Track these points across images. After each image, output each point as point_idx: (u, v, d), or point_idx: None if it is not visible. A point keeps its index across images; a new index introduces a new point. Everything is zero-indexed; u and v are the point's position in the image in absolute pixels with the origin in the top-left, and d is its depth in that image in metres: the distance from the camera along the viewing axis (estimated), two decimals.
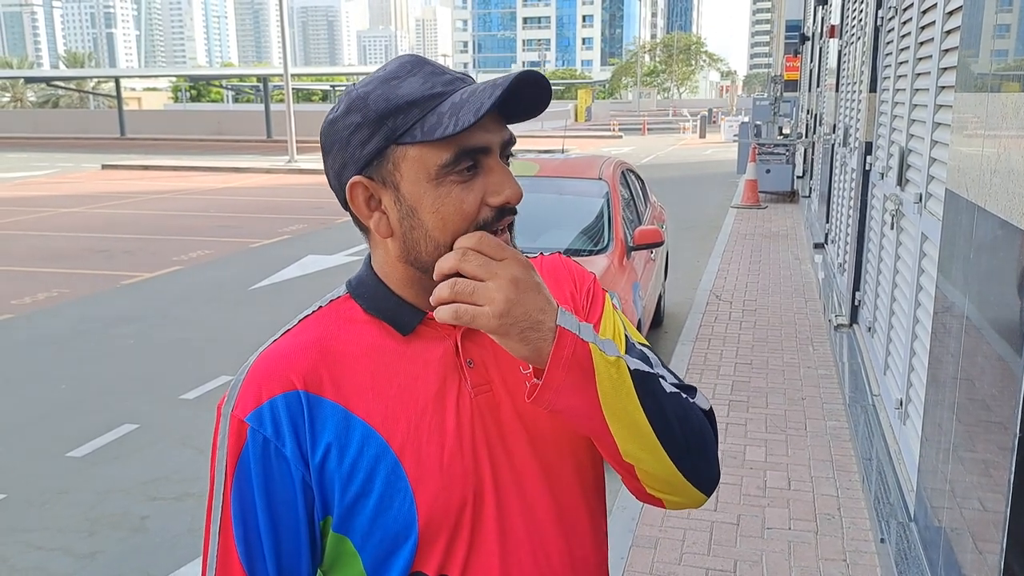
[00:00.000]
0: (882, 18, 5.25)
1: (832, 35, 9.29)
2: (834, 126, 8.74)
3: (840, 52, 8.61)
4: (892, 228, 4.17)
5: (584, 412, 0.92)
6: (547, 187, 5.67)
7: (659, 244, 5.34)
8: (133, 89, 77.67)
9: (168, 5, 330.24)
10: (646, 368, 0.97)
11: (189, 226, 12.74)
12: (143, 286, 8.74)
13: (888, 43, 4.97)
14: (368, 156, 0.94)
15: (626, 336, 1.07)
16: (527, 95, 0.93)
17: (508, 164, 0.98)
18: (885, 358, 4.27)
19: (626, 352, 1.01)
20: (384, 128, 0.92)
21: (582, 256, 5.05)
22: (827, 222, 8.95)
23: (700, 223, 12.10)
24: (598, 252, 5.07)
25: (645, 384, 0.95)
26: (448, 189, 0.92)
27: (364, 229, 1.00)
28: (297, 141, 24.58)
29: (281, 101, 30.71)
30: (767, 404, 4.85)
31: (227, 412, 0.97)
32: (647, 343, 1.11)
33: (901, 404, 3.63)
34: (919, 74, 3.84)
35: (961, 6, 2.93)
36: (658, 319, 6.78)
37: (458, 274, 0.89)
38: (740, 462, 4.05)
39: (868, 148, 5.53)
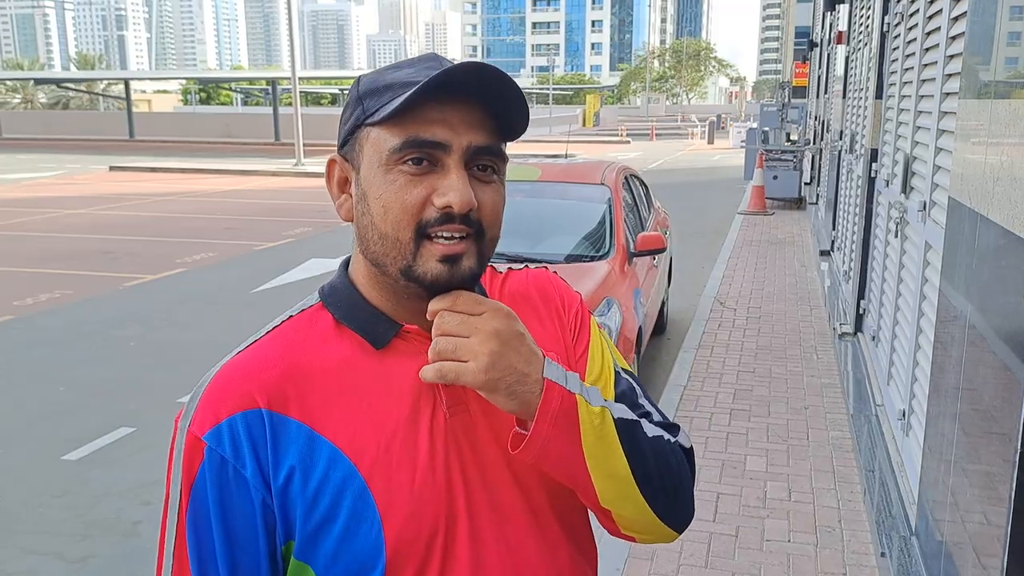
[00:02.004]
0: (888, 24, 5.20)
1: (840, 41, 9.24)
2: (841, 132, 8.69)
3: (847, 58, 8.56)
4: (896, 236, 4.12)
5: (567, 462, 0.90)
6: (549, 192, 5.63)
7: (661, 250, 5.29)
8: (143, 92, 78.08)
9: (179, 8, 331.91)
10: (630, 416, 0.95)
11: (194, 228, 12.74)
12: (146, 288, 8.73)
13: (894, 49, 4.92)
14: (345, 134, 0.93)
15: (614, 366, 1.05)
16: (492, 90, 0.87)
17: (494, 173, 0.92)
18: (888, 368, 4.21)
19: (614, 383, 1.01)
20: (360, 107, 0.91)
21: (583, 262, 5.01)
22: (833, 229, 8.89)
23: (706, 229, 12.04)
24: (599, 258, 5.03)
25: (628, 432, 0.93)
26: (395, 177, 0.88)
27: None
28: (305, 144, 24.61)
29: (290, 104, 30.82)
30: (769, 413, 4.79)
31: (183, 427, 0.91)
32: (630, 368, 1.08)
33: (904, 415, 3.57)
34: (924, 80, 3.79)
35: (965, 12, 2.89)
36: (661, 326, 6.73)
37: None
38: (740, 472, 4.00)
39: (874, 155, 5.48)
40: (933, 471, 2.70)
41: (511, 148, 0.97)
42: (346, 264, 1.00)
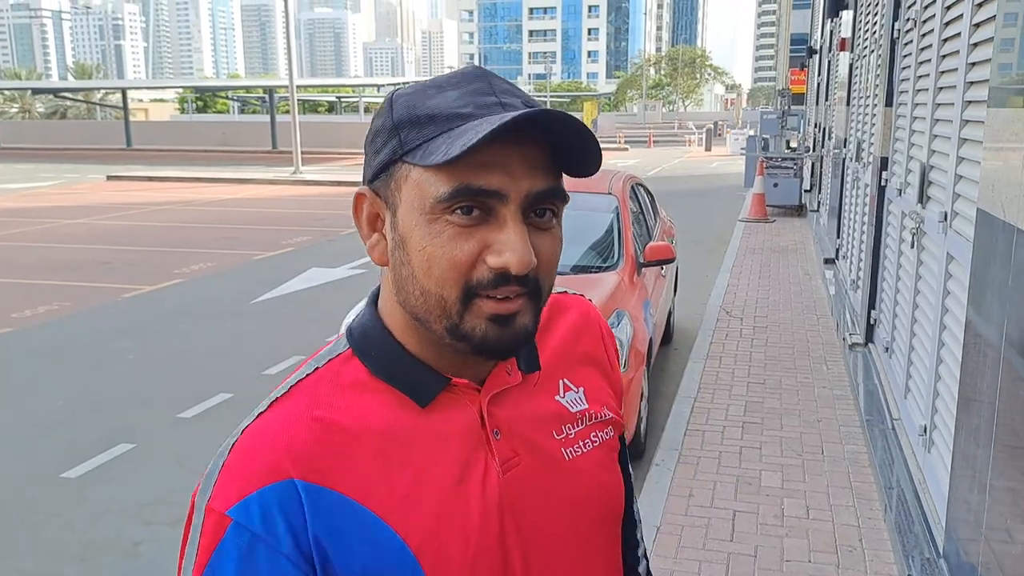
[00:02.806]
0: (899, 31, 5.14)
1: (843, 48, 9.18)
2: (845, 140, 8.62)
3: (851, 65, 8.50)
4: (912, 247, 4.04)
5: None
6: None
7: (670, 261, 5.21)
8: (140, 100, 77.97)
9: (176, 17, 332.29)
10: None
11: (192, 238, 12.65)
12: (144, 299, 8.63)
13: (906, 56, 4.85)
14: (378, 166, 0.79)
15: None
16: (565, 137, 0.77)
17: (553, 217, 0.81)
18: (906, 381, 4.13)
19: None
20: (396, 138, 0.77)
21: (591, 273, 4.92)
22: (838, 237, 8.82)
23: (708, 237, 11.97)
24: (608, 269, 4.95)
25: None
26: (441, 228, 0.75)
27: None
28: (303, 152, 24.54)
29: (287, 112, 30.68)
30: (782, 426, 4.70)
31: (201, 505, 0.78)
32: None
33: (925, 431, 3.49)
34: (941, 88, 3.72)
35: (990, 18, 2.81)
36: (668, 336, 6.65)
37: None
38: (756, 488, 3.91)
39: (884, 163, 5.41)
40: (962, 492, 2.61)
41: None
42: (375, 301, 0.86)
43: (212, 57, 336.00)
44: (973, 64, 3.10)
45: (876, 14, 6.47)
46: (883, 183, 5.38)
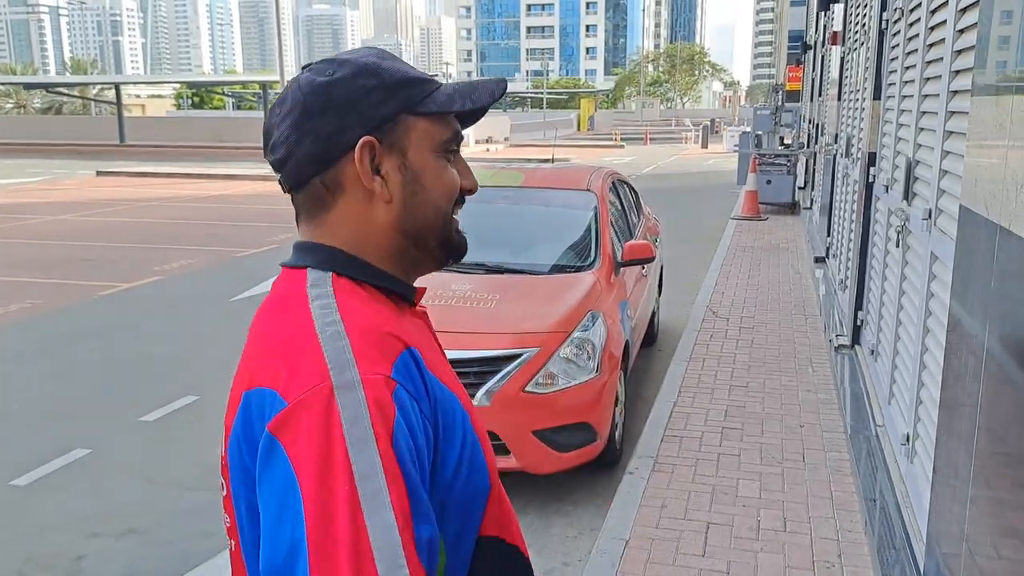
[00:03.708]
0: (887, 21, 4.95)
1: (835, 42, 9.00)
2: (836, 136, 8.44)
3: (843, 59, 8.31)
4: (898, 245, 3.86)
5: None
6: (532, 198, 5.37)
7: (649, 260, 5.02)
8: (138, 96, 77.64)
9: (174, 13, 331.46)
10: None
11: (175, 234, 12.44)
12: (119, 297, 8.44)
13: (894, 47, 4.67)
14: (382, 118, 0.95)
15: None
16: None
17: None
18: (890, 386, 3.95)
19: None
20: (399, 96, 0.96)
21: (567, 272, 4.74)
22: (828, 235, 8.64)
23: (699, 235, 11.79)
24: (584, 268, 4.76)
25: None
26: (443, 163, 1.00)
27: (328, 199, 0.97)
28: None
29: None
30: (763, 432, 4.52)
31: (353, 378, 0.82)
32: None
33: (908, 439, 3.31)
34: (928, 79, 3.54)
35: (975, 2, 2.63)
36: (652, 336, 6.47)
37: None
38: (732, 499, 3.73)
39: (872, 159, 5.22)
40: (944, 504, 2.44)
41: (499, 154, 0.98)
42: (321, 243, 0.98)
43: (210, 53, 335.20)
44: (959, 52, 2.91)
45: (866, 5, 6.29)
46: (871, 179, 5.19)
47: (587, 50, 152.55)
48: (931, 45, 3.53)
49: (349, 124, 0.94)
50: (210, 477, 4.26)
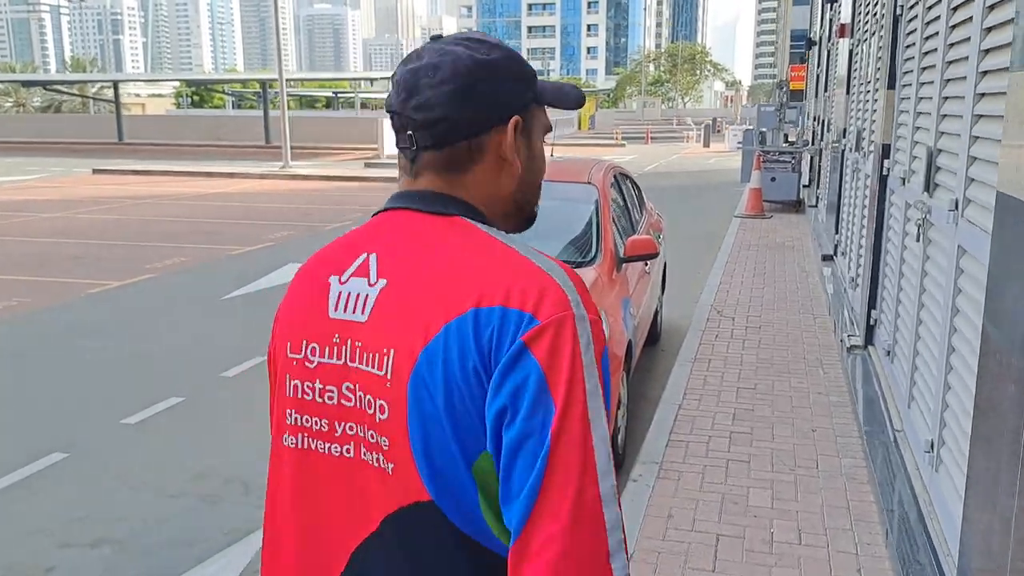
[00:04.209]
0: (902, 7, 4.73)
1: (843, 35, 8.78)
2: (844, 130, 8.23)
3: (851, 51, 8.10)
4: (918, 240, 3.64)
5: None
6: None
7: (653, 256, 4.81)
8: (137, 95, 77.40)
9: (175, 12, 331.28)
10: None
11: (170, 232, 12.23)
12: (110, 295, 8.23)
13: (910, 33, 4.45)
14: (525, 102, 1.10)
15: None
16: None
17: None
18: (910, 388, 3.73)
19: None
20: (533, 86, 1.12)
21: None
22: (836, 233, 8.42)
23: (702, 233, 11.57)
24: (585, 264, 4.55)
25: None
26: (543, 147, 1.17)
27: (467, 161, 1.08)
28: (296, 147, 24.13)
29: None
30: (773, 437, 4.31)
31: (584, 313, 0.97)
32: None
33: (932, 446, 3.09)
34: (951, 62, 3.32)
35: None
36: (654, 336, 6.25)
37: None
38: (743, 508, 3.52)
39: (886, 151, 5.01)
40: (979, 520, 2.23)
41: None
42: (469, 208, 1.08)
43: (211, 52, 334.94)
44: (989, 29, 2.70)
45: None
46: (885, 172, 4.98)
47: (588, 50, 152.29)
48: (954, 27, 3.31)
49: (504, 102, 1.08)
50: (194, 482, 4.06)
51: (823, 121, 12.80)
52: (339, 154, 29.90)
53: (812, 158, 13.92)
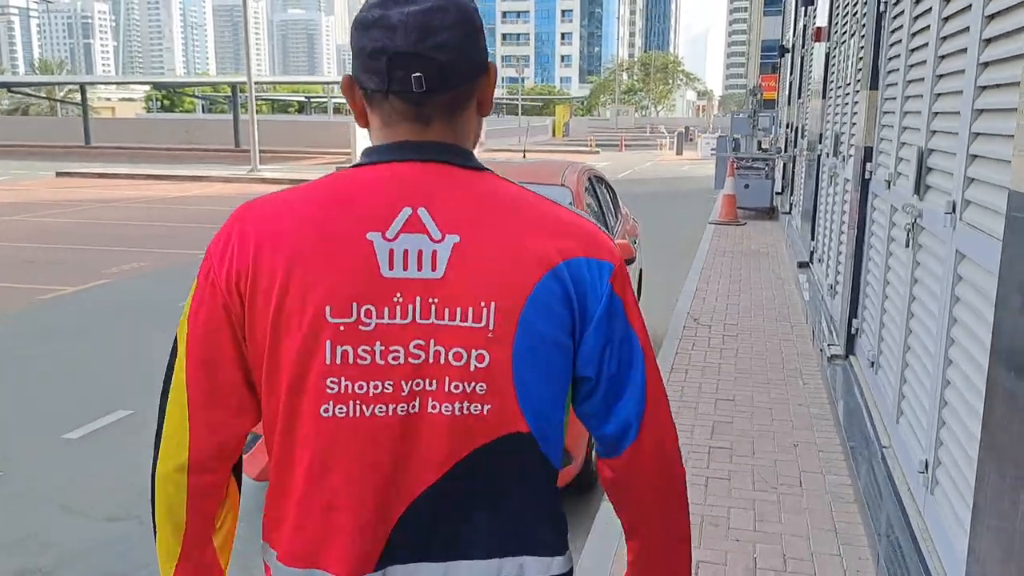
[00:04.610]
0: (886, 3, 4.56)
1: (818, 38, 8.65)
2: (820, 136, 8.08)
3: (828, 55, 7.97)
4: (907, 245, 3.45)
5: None
6: None
7: (630, 261, 4.59)
8: (108, 99, 76.23)
9: (147, 15, 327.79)
10: None
11: (130, 236, 11.83)
12: (63, 301, 7.87)
13: (895, 30, 4.28)
14: (483, 63, 1.13)
15: None
16: None
17: None
18: (898, 402, 3.54)
19: None
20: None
21: None
22: (812, 239, 8.28)
23: (676, 240, 11.40)
24: None
25: None
26: None
27: (462, 104, 1.11)
28: (265, 150, 23.73)
29: (256, 111, 29.58)
30: (754, 452, 4.09)
31: (619, 254, 1.18)
32: None
33: (926, 467, 2.89)
34: (944, 56, 3.14)
35: None
36: None
37: None
38: (724, 531, 3.29)
39: (868, 154, 4.83)
40: (989, 554, 2.01)
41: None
42: (475, 159, 1.13)
43: (183, 57, 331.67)
44: (991, 17, 2.51)
45: None
46: (867, 176, 4.80)
47: (562, 58, 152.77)
48: (947, 18, 3.13)
49: (485, 48, 1.11)
50: (135, 504, 3.76)
51: (797, 128, 12.71)
52: (310, 158, 29.51)
53: (785, 165, 13.84)
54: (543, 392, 1.09)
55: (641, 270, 6.59)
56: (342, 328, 1.03)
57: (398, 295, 1.03)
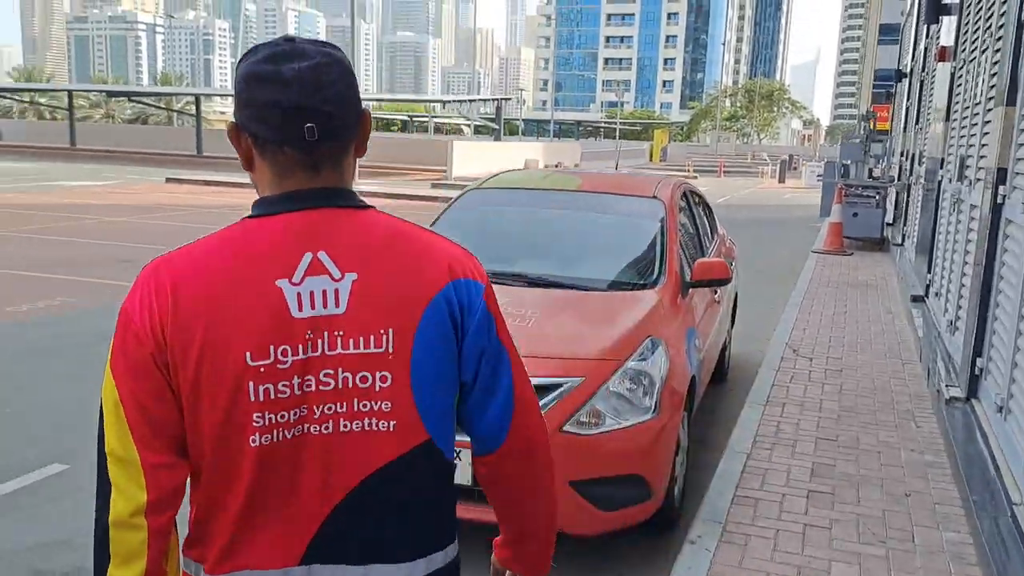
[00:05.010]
0: None
1: (942, 58, 8.07)
2: (942, 160, 7.50)
3: (953, 75, 7.39)
4: None
5: None
6: (588, 204, 4.63)
7: (725, 281, 4.23)
8: (223, 112, 79.63)
9: (264, 34, 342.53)
10: None
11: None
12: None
13: None
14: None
15: None
16: None
17: None
18: None
19: None
20: None
21: (624, 290, 3.98)
22: (928, 271, 7.66)
23: (776, 267, 10.85)
24: (646, 286, 3.99)
25: None
26: None
27: (347, 150, 1.25)
28: (365, 166, 24.09)
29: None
30: (859, 500, 3.66)
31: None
32: None
33: None
34: None
35: None
36: (721, 374, 5.64)
37: None
38: None
39: (1001, 176, 4.34)
40: None
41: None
42: (359, 198, 1.26)
43: None
44: None
45: (991, 6, 5.42)
46: (999, 200, 4.31)
47: (664, 83, 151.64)
48: None
49: (359, 97, 1.25)
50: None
51: (913, 155, 11.98)
52: (409, 174, 29.87)
53: (898, 194, 13.08)
54: (438, 402, 1.23)
55: (736, 294, 6.18)
56: (262, 370, 1.14)
57: (309, 332, 1.15)
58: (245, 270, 1.15)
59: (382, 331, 1.17)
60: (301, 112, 1.14)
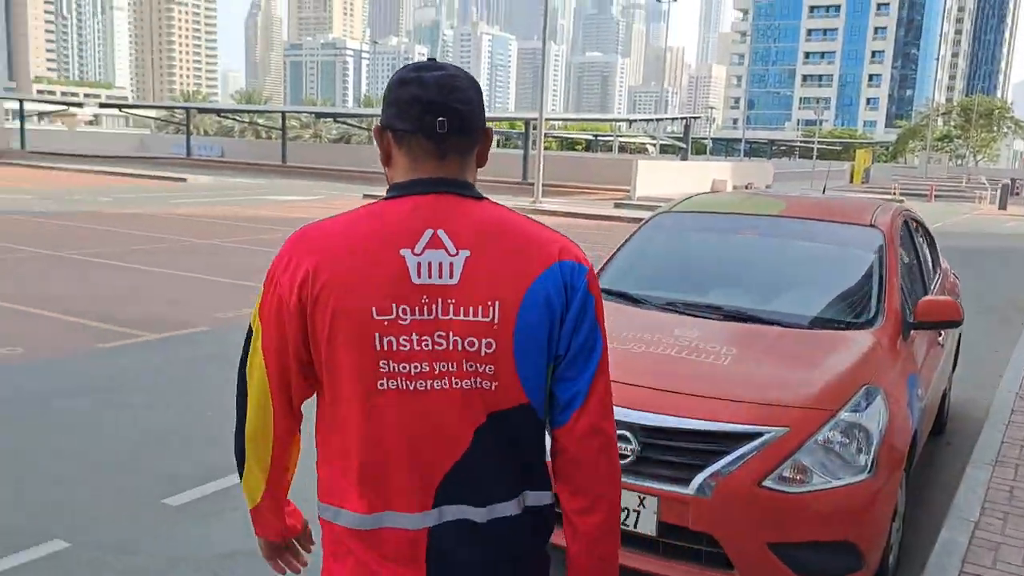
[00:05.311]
0: None
1: None
2: None
3: None
4: None
5: None
6: (792, 231, 4.23)
7: (955, 324, 3.70)
8: None
9: (459, 57, 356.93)
10: None
11: None
12: None
13: None
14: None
15: None
16: None
17: None
18: None
19: None
20: None
21: (836, 329, 3.56)
22: None
23: (1000, 304, 9.73)
24: (860, 326, 3.56)
25: None
26: None
27: (473, 148, 1.47)
28: (549, 184, 24.32)
29: (548, 147, 30.58)
30: None
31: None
32: None
33: None
34: None
35: None
36: (939, 425, 5.01)
37: None
38: None
39: None
40: None
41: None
42: (477, 191, 1.47)
43: (487, 95, 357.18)
44: None
45: None
46: None
47: (868, 100, 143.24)
48: None
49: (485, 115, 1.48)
50: None
51: None
52: (592, 194, 29.81)
53: None
54: (536, 369, 1.40)
55: (960, 334, 5.50)
56: (386, 323, 1.35)
57: (424, 297, 1.35)
58: (376, 239, 1.36)
59: (489, 303, 1.35)
60: (435, 107, 1.36)
